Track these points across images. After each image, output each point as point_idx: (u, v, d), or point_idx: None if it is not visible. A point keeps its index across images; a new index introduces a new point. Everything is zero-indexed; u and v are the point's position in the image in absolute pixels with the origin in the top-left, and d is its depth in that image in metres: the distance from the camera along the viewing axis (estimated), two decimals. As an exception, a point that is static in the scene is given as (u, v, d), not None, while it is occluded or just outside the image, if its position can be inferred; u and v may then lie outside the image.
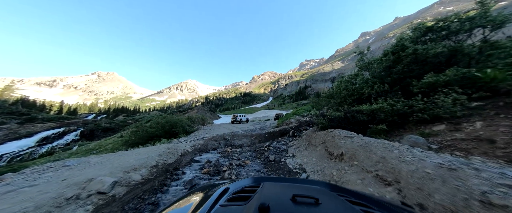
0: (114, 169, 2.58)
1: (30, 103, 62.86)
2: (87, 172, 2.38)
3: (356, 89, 4.43)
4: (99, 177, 2.10)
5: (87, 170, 2.54)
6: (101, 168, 2.58)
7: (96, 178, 2.08)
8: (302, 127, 10.68)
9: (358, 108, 3.81)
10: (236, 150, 6.56)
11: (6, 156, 27.39)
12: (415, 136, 2.63)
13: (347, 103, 4.61)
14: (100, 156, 3.65)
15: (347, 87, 4.82)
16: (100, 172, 2.37)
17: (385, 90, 3.80)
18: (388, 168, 1.93)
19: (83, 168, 2.65)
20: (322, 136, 4.44)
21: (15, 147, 31.65)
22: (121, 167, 2.70)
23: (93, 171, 2.48)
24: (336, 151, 3.27)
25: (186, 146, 5.51)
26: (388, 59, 3.87)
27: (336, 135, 3.64)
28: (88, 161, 3.15)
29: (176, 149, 4.69)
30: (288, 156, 4.97)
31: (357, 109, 3.86)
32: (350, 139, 3.20)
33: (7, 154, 28.47)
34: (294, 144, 6.12)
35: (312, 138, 5.05)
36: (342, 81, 5.18)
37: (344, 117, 4.13)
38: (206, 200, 0.74)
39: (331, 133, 3.91)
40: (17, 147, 31.71)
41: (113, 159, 3.39)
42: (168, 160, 3.84)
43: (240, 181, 1.02)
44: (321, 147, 4.19)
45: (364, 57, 5.11)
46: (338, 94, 4.94)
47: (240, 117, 24.66)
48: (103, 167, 2.74)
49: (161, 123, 14.14)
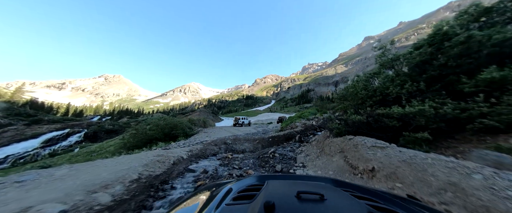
0: (76, 187, 1.96)
1: (38, 105, 64.64)
2: (33, 195, 1.77)
3: (378, 89, 3.70)
4: (41, 205, 1.47)
5: (37, 190, 1.93)
6: (57, 188, 1.96)
7: (36, 206, 1.45)
8: (309, 131, 9.90)
9: (385, 111, 3.08)
10: (237, 156, 5.88)
11: (10, 157, 27.62)
12: (493, 152, 1.86)
13: (367, 106, 3.89)
14: (71, 167, 3.04)
15: (366, 87, 4.11)
16: (51, 194, 1.75)
17: (420, 89, 3.06)
18: (472, 203, 1.20)
19: (35, 187, 2.04)
20: (338, 143, 3.72)
21: (20, 148, 32.02)
22: (87, 183, 2.08)
23: (44, 191, 1.87)
24: (362, 165, 2.57)
25: (181, 152, 4.85)
26: (423, 52, 3.13)
27: (360, 144, 2.93)
28: (51, 173, 2.55)
29: (168, 156, 4.05)
30: (297, 166, 4.25)
31: (383, 112, 3.14)
32: (381, 149, 2.50)
33: (12, 155, 28.74)
34: (303, 151, 5.39)
35: (325, 145, 4.32)
36: (359, 80, 4.46)
37: (366, 122, 3.42)
38: (212, 199, 0.75)
39: (352, 141, 3.20)
40: (22, 148, 32.07)
41: (84, 170, 2.78)
42: (156, 170, 3.20)
43: (245, 179, 1.03)
44: (339, 157, 3.47)
45: (387, 53, 4.37)
46: (355, 96, 4.24)
47: (242, 119, 24.04)
48: (63, 183, 2.13)
49: (161, 126, 13.68)
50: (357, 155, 2.77)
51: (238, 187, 0.85)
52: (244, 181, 0.98)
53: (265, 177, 1.02)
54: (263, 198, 0.63)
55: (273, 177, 1.07)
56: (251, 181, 0.97)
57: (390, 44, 4.37)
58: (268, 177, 1.02)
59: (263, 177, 1.02)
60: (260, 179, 0.98)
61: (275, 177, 1.14)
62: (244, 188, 0.83)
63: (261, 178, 1.01)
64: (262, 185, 0.82)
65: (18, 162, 25.12)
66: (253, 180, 0.99)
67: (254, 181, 0.97)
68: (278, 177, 1.14)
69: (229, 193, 0.77)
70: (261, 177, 1.05)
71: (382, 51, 4.43)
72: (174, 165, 3.85)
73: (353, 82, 4.68)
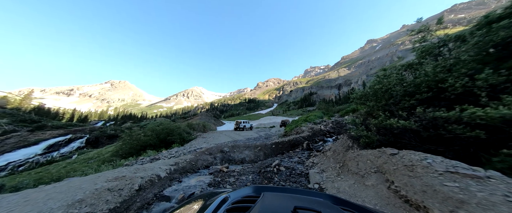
0: None
1: (44, 111, 65.97)
2: None
3: (424, 83, 2.62)
4: None
5: None
6: None
7: None
8: (317, 137, 8.74)
9: (452, 113, 1.98)
10: (234, 169, 4.81)
11: (11, 165, 27.36)
12: None
13: (405, 106, 2.81)
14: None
15: (401, 81, 3.02)
16: None
17: (510, 80, 1.96)
18: None
19: None
20: (371, 159, 2.62)
21: (22, 154, 31.93)
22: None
23: None
24: (437, 207, 1.45)
25: (160, 168, 3.76)
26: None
27: (418, 165, 1.85)
28: None
29: (132, 179, 2.88)
30: (311, 188, 3.14)
31: (446, 115, 2.05)
32: (476, 182, 1.40)
33: (14, 162, 28.53)
34: (315, 164, 4.26)
35: (348, 159, 3.21)
36: (390, 73, 3.38)
37: (412, 129, 2.33)
38: (204, 209, 0.74)
39: (400, 159, 2.09)
40: (23, 154, 31.98)
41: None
42: (100, 207, 2.11)
43: (240, 190, 1.00)
44: (376, 179, 2.37)
45: (428, 37, 3.25)
46: (384, 93, 3.15)
47: (243, 123, 23.01)
48: None
49: (157, 131, 12.79)
50: (417, 183, 1.70)
51: (233, 197, 0.84)
52: (240, 191, 0.97)
53: (261, 188, 1.01)
54: (258, 211, 0.64)
55: (270, 189, 1.04)
56: (247, 191, 0.97)
57: (436, 23, 3.23)
58: (265, 189, 1.01)
59: (260, 188, 1.01)
60: (256, 190, 0.98)
61: (272, 189, 1.08)
62: (239, 199, 0.82)
63: (257, 189, 1.01)
64: (258, 196, 0.82)
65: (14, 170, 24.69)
66: (249, 190, 0.98)
67: (250, 192, 0.96)
68: (275, 189, 1.08)
69: (223, 203, 0.76)
70: (257, 188, 1.03)
71: (423, 36, 3.33)
72: (139, 192, 2.70)
73: (379, 77, 3.61)
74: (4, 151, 33.03)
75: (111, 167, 6.30)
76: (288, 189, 1.27)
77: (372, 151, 2.64)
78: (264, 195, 0.81)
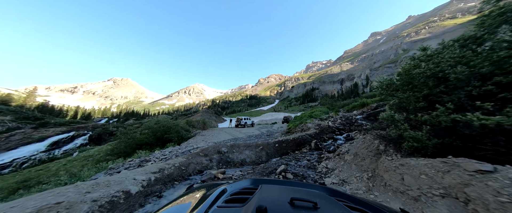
0: None
1: (48, 108, 66.70)
2: None
3: None
4: None
5: None
6: None
7: None
8: (325, 134, 7.89)
9: None
10: (231, 175, 4.06)
11: (15, 162, 27.63)
12: None
13: (473, 95, 1.93)
14: None
15: (464, 58, 2.11)
16: None
17: None
18: None
19: None
20: (429, 173, 1.75)
21: (26, 151, 32.29)
22: None
23: None
24: None
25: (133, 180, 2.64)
26: None
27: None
28: None
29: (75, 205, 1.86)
30: None
31: None
32: None
33: (18, 159, 28.84)
34: (331, 170, 3.45)
35: (384, 169, 2.35)
36: (444, 49, 2.44)
37: (508, 129, 1.45)
38: (203, 200, 0.75)
39: (502, 182, 1.25)
40: (28, 151, 32.33)
41: None
42: None
43: (238, 182, 1.02)
44: (447, 208, 1.52)
45: None
46: (427, 79, 2.27)
47: (244, 120, 22.32)
48: None
49: (153, 128, 12.16)
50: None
51: (232, 189, 0.87)
52: (239, 183, 0.99)
53: (259, 181, 1.03)
54: (256, 202, 0.64)
55: (267, 182, 1.06)
56: (245, 184, 0.98)
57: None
58: (263, 181, 1.03)
59: (257, 181, 1.03)
60: (254, 183, 1.00)
61: (269, 181, 1.11)
62: (237, 191, 0.84)
63: (255, 181, 1.02)
64: (256, 188, 0.84)
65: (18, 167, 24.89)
66: (247, 183, 1.00)
67: (248, 184, 0.98)
68: (272, 182, 1.11)
69: (221, 195, 0.78)
70: (255, 180, 1.05)
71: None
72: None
73: (416, 59, 2.71)
74: (9, 147, 33.47)
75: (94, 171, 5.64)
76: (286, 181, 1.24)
77: (428, 161, 1.79)
78: (262, 187, 0.83)
